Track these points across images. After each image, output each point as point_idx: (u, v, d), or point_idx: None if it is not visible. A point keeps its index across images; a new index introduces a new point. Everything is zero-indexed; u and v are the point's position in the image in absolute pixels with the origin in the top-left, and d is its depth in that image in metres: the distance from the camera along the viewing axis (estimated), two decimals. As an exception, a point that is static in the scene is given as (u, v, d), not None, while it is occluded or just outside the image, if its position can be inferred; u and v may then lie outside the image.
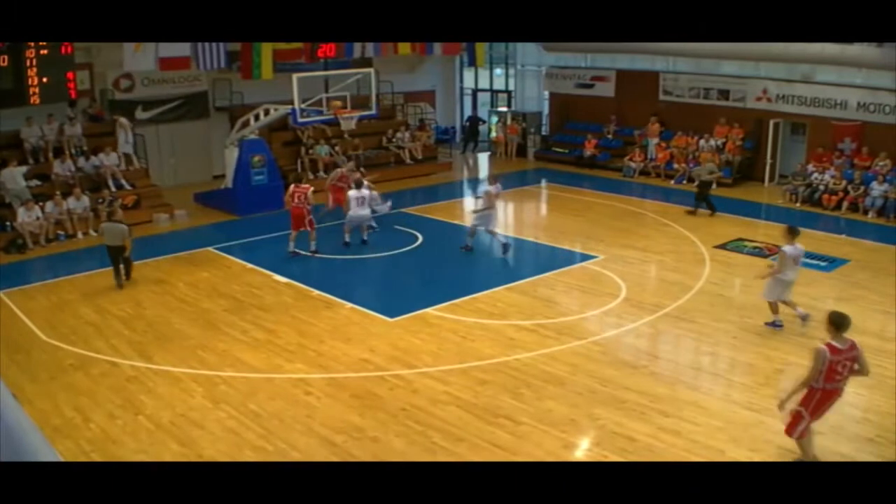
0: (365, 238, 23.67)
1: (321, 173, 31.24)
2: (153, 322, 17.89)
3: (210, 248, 23.37)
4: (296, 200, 22.26)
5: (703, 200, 26.88)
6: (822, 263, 21.37)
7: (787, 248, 16.89)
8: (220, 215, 27.51)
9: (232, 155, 28.06)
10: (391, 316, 17.92)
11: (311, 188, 22.92)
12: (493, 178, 23.56)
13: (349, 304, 18.66)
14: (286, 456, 12.20)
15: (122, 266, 20.32)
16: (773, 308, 17.24)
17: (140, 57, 26.39)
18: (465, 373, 14.99)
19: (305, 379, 14.84)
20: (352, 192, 22.93)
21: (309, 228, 22.42)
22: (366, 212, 23.13)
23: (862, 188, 27.57)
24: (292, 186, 22.65)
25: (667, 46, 31.70)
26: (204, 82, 32.12)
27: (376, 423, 13.15)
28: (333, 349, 16.22)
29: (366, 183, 23.58)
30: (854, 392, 14.10)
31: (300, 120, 27.29)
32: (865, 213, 26.94)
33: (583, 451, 12.58)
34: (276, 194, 27.79)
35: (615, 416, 13.32)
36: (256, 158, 27.71)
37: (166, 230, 26.09)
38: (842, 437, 12.59)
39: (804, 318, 16.91)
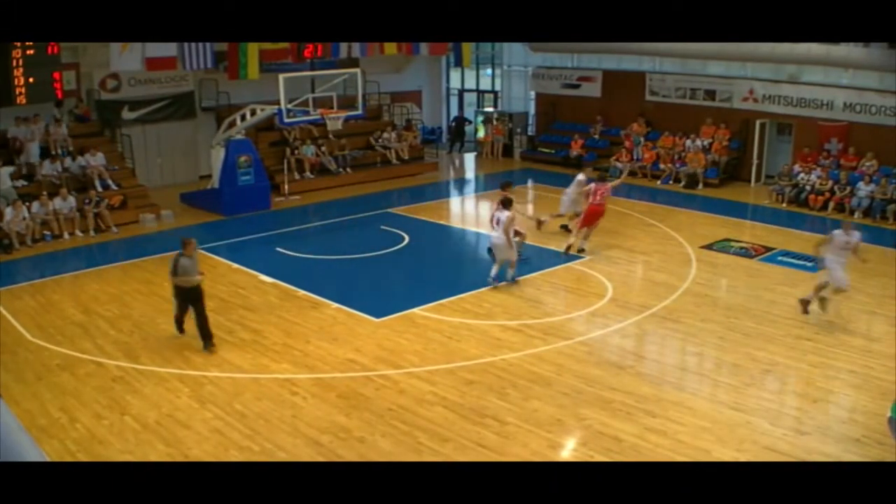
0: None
1: (307, 174, 31.25)
2: (139, 322, 17.84)
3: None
4: (597, 198, 22.12)
5: None
6: (809, 264, 21.39)
7: (580, 176, 23.89)
8: (206, 215, 27.43)
9: (218, 155, 27.97)
10: (377, 316, 17.91)
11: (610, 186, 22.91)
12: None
13: (335, 304, 18.64)
14: (272, 456, 12.20)
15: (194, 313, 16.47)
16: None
17: (127, 57, 26.38)
18: (452, 373, 15.00)
19: (291, 379, 14.83)
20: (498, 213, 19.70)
21: (591, 227, 22.62)
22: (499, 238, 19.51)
23: (848, 189, 27.63)
24: (593, 184, 22.42)
25: (653, 47, 31.77)
26: (190, 82, 32.02)
27: (362, 424, 13.15)
28: (319, 349, 16.22)
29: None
30: (841, 393, 14.22)
31: (286, 120, 27.29)
32: (852, 213, 26.98)
33: (569, 451, 12.60)
34: (263, 195, 27.87)
35: (601, 416, 13.34)
36: (243, 159, 27.61)
37: (153, 230, 26.00)
38: (828, 437, 12.63)
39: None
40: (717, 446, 12.34)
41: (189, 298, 16.23)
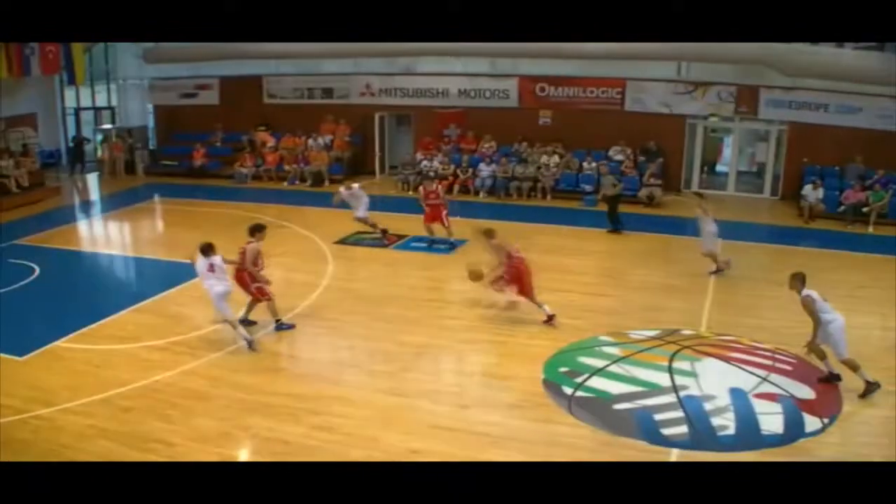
0: None
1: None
2: None
3: None
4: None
5: (615, 217, 24.94)
6: (444, 247, 22.28)
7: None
8: None
9: None
10: (19, 354, 16.96)
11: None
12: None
13: (-30, 350, 17.56)
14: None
15: None
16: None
17: None
18: (108, 402, 14.47)
19: (-66, 436, 13.91)
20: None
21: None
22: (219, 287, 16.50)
23: (470, 171, 28.88)
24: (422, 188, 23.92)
25: (268, 49, 31.90)
26: None
27: (22, 468, 12.53)
28: (-38, 399, 15.29)
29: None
30: (492, 363, 14.97)
31: None
32: (476, 193, 28.32)
33: (242, 462, 12.53)
34: None
35: (266, 422, 13.33)
36: None
37: None
38: (489, 407, 13.42)
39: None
40: (385, 432, 12.67)
41: None
